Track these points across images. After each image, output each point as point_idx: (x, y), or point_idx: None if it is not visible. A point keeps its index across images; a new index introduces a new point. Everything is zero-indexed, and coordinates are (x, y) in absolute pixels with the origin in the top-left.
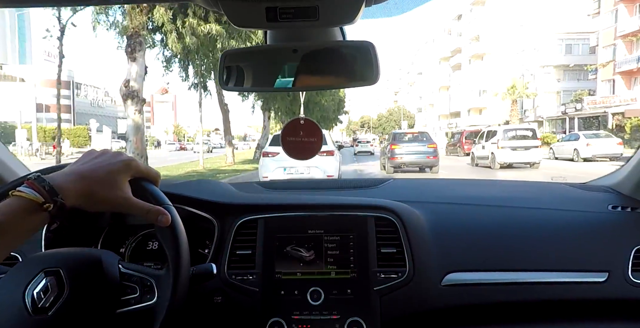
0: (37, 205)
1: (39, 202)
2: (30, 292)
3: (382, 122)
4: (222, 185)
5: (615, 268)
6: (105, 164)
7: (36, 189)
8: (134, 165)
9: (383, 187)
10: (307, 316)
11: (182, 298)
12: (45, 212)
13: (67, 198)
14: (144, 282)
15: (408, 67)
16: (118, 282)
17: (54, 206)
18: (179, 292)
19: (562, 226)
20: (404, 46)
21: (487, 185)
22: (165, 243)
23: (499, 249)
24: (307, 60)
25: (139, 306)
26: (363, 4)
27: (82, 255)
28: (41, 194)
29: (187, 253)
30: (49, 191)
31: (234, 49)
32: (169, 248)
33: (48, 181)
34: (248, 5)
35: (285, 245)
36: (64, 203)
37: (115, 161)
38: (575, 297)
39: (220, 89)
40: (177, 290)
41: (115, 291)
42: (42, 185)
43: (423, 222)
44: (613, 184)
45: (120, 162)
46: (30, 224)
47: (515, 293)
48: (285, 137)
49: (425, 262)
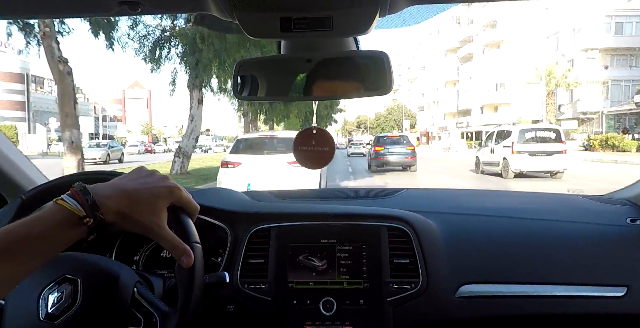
0: (78, 219)
1: (79, 216)
2: (45, 296)
3: (380, 121)
4: (235, 193)
5: (635, 283)
6: (151, 187)
7: (80, 201)
8: (177, 193)
9: (396, 197)
10: (320, 326)
11: None
12: (84, 226)
13: (106, 215)
14: (149, 318)
15: (409, 62)
16: (127, 307)
17: (93, 221)
18: None
19: (579, 239)
20: (404, 39)
21: (502, 196)
22: (179, 282)
23: (514, 261)
24: (321, 70)
25: None
26: (377, 14)
27: (102, 268)
28: (83, 207)
29: (198, 298)
30: (91, 205)
31: (248, 58)
32: (182, 289)
33: (92, 195)
34: (262, 15)
35: (298, 255)
36: (104, 219)
37: (161, 185)
38: (592, 312)
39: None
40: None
41: (122, 316)
42: (86, 198)
43: (437, 232)
44: (631, 197)
45: (165, 188)
46: (68, 237)
47: (531, 306)
48: (298, 147)
49: (439, 273)
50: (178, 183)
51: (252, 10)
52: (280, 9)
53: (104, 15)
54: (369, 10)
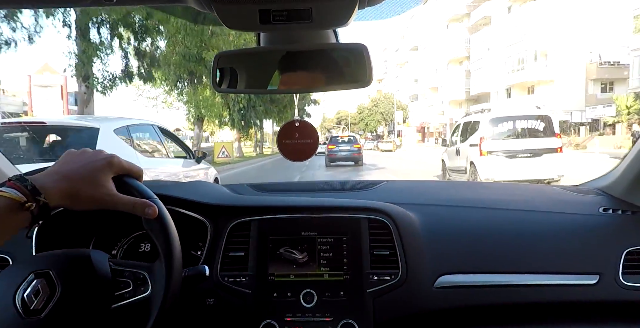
0: (19, 205)
1: (20, 202)
2: (20, 294)
3: (364, 115)
4: (215, 186)
5: (606, 271)
6: (87, 162)
7: (18, 188)
8: (116, 162)
9: (376, 189)
10: (300, 318)
11: (177, 289)
12: (27, 211)
13: (50, 198)
14: (137, 276)
15: (397, 44)
16: (110, 278)
17: (37, 205)
18: (173, 282)
19: (553, 229)
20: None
21: (480, 188)
22: (155, 236)
23: (491, 252)
24: (300, 62)
25: (133, 299)
26: (356, 6)
27: (71, 255)
28: (23, 193)
29: (177, 243)
30: (31, 191)
31: (227, 50)
32: (159, 240)
33: (30, 181)
34: (241, 7)
35: (279, 247)
36: (47, 203)
37: (97, 159)
38: (566, 300)
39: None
40: (172, 280)
41: (108, 287)
42: (25, 185)
43: (416, 224)
44: (604, 187)
45: (102, 160)
46: (12, 223)
47: (507, 295)
48: (281, 140)
49: (419, 264)
50: None
51: (230, 2)
52: (259, 1)
53: (78, 5)
54: (348, 2)
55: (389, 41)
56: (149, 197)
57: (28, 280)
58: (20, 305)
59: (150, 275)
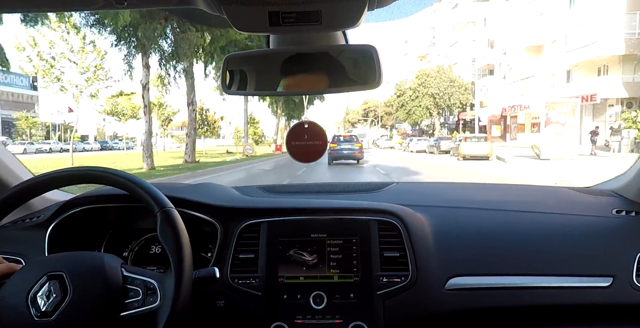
0: None
1: None
2: (33, 295)
3: (404, 100)
4: (225, 189)
5: (620, 273)
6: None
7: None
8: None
9: (386, 190)
10: (310, 320)
11: (185, 301)
12: None
13: None
14: (147, 285)
15: (444, 9)
16: (121, 285)
17: None
18: (182, 295)
19: (566, 230)
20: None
21: (490, 189)
22: (167, 246)
23: (502, 253)
24: (309, 64)
25: (142, 309)
26: (366, 8)
27: (85, 259)
28: None
29: (189, 255)
30: None
31: (237, 52)
32: (171, 251)
33: None
34: (251, 9)
35: (288, 249)
36: None
37: None
38: (579, 302)
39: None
40: (180, 293)
41: (119, 294)
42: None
43: (426, 226)
44: (617, 188)
45: None
46: None
47: (518, 297)
48: (290, 142)
49: (429, 266)
50: None
51: (240, 4)
52: (269, 3)
53: (90, 9)
54: (357, 4)
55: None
56: (165, 206)
57: (41, 281)
58: (32, 306)
59: (160, 285)
